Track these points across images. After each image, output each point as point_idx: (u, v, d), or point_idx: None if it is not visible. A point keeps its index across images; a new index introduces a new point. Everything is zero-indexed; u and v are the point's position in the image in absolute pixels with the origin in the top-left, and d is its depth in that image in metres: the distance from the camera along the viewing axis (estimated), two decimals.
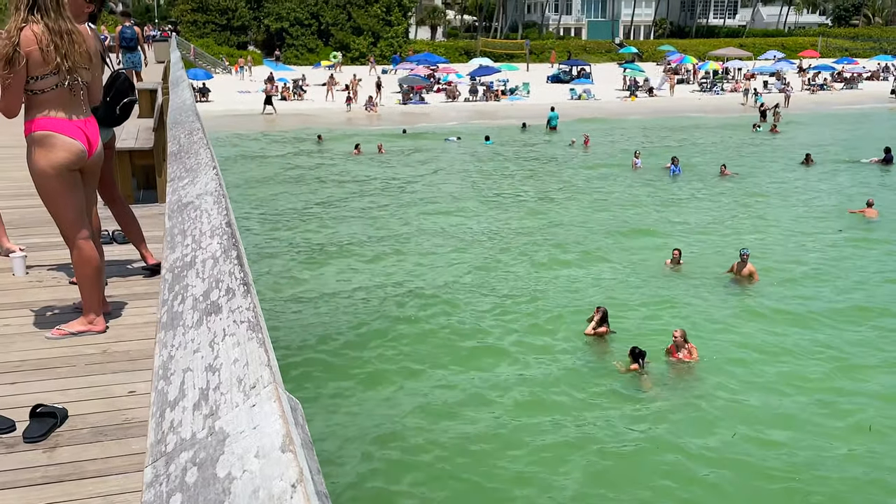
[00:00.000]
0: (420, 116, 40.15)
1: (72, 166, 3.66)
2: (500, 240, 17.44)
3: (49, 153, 3.61)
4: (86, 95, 3.73)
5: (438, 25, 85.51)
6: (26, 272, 4.75)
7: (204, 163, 2.97)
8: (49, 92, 3.57)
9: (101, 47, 4.38)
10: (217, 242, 1.94)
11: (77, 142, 3.65)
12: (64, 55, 3.50)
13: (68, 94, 3.61)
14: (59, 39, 3.48)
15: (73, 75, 3.60)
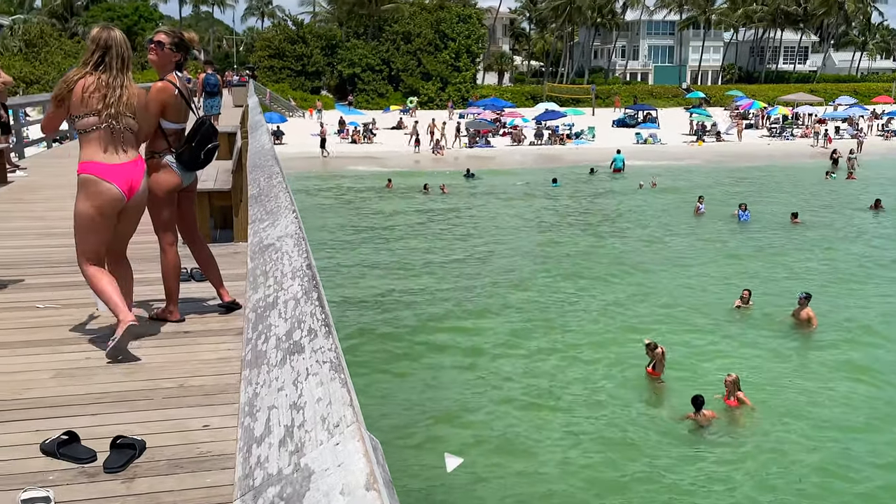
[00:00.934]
0: (485, 160, 40.47)
1: (108, 209, 4.06)
2: (563, 280, 17.48)
3: (88, 197, 4.05)
4: (130, 140, 4.11)
5: (506, 71, 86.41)
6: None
7: (284, 206, 3.08)
8: (91, 132, 4.02)
9: (188, 93, 4.61)
10: (298, 284, 2.01)
11: (114, 187, 4.02)
12: (107, 103, 3.99)
13: (109, 136, 4.02)
14: (107, 90, 4.00)
15: (113, 120, 4.02)
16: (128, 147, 4.11)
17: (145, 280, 5.46)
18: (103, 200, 4.02)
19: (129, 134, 4.13)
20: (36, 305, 4.98)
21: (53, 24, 66.88)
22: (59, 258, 6.41)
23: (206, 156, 4.60)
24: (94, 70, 4.03)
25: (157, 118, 4.48)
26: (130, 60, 4.18)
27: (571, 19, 78.98)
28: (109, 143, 4.03)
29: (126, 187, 4.08)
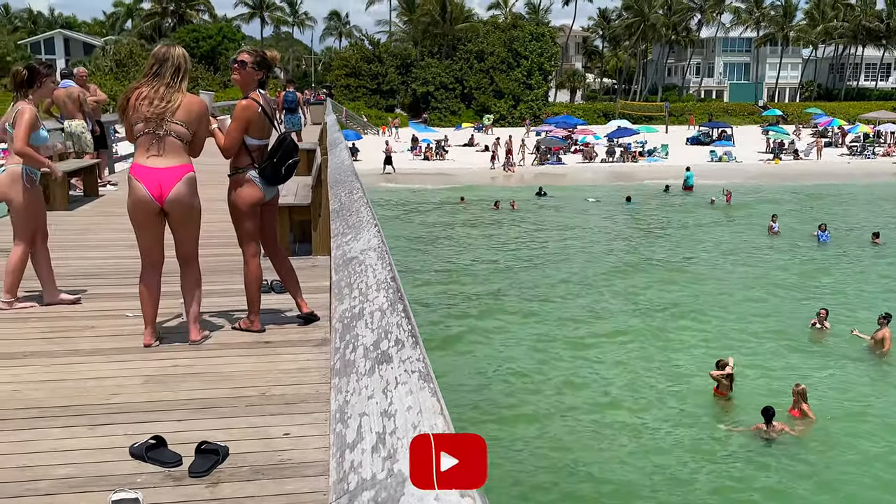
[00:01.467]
0: (556, 177, 40.31)
1: (138, 207, 4.36)
2: (635, 296, 17.40)
3: (129, 193, 4.43)
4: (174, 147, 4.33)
5: (578, 88, 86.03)
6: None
7: (365, 220, 3.15)
8: (140, 137, 4.33)
9: (271, 110, 4.75)
10: (383, 296, 2.05)
11: (143, 187, 4.31)
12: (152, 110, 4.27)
13: (151, 141, 4.31)
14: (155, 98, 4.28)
15: (157, 126, 4.29)
16: (169, 153, 4.33)
17: (229, 291, 5.63)
18: (136, 198, 4.35)
19: (175, 140, 4.33)
20: (125, 314, 5.18)
21: (142, 45, 69.78)
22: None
23: (287, 171, 4.72)
24: (151, 80, 4.33)
25: (241, 135, 4.63)
26: (187, 73, 4.41)
27: (645, 37, 78.18)
28: (150, 148, 4.31)
29: (156, 191, 4.31)
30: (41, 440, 3.33)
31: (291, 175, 4.80)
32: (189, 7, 77.19)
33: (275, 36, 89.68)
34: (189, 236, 4.57)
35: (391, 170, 40.39)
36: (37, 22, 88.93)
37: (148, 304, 4.56)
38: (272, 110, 4.79)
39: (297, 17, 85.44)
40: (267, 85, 4.79)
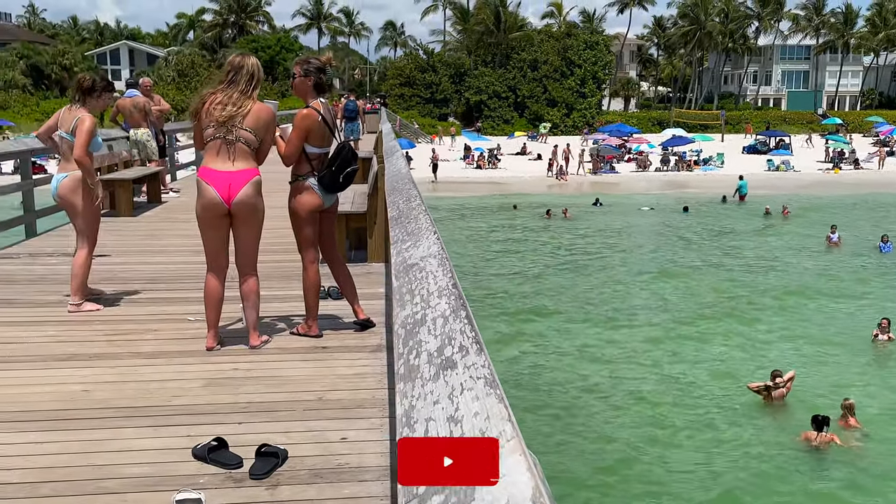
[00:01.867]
0: (610, 186, 39.97)
1: (208, 210, 4.48)
2: (690, 308, 17.17)
3: (198, 196, 4.54)
4: (243, 153, 4.46)
5: (632, 97, 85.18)
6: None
7: (424, 227, 3.16)
8: (210, 142, 4.45)
9: (331, 118, 4.82)
10: (445, 302, 2.06)
11: (212, 189, 4.43)
12: (222, 116, 4.39)
13: (221, 146, 4.43)
14: (227, 105, 4.39)
15: (226, 132, 4.41)
16: (237, 158, 4.46)
17: (288, 297, 5.72)
18: (205, 200, 4.48)
19: (242, 146, 4.46)
20: (187, 318, 5.30)
21: (203, 55, 71.51)
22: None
23: (345, 179, 4.78)
24: (226, 87, 4.46)
25: (302, 143, 4.70)
26: (260, 82, 4.54)
27: (701, 45, 77.05)
28: (220, 152, 4.44)
29: (225, 193, 4.45)
30: (110, 440, 3.42)
31: (350, 183, 4.86)
32: (249, 18, 78.83)
33: (331, 46, 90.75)
34: (251, 237, 4.66)
35: (435, 179, 40.58)
36: (103, 34, 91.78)
37: (211, 307, 4.66)
38: (332, 119, 4.86)
39: (353, 27, 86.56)
40: (326, 89, 4.82)
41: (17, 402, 3.83)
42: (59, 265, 6.91)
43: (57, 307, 5.66)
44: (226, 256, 4.70)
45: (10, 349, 4.67)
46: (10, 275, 6.70)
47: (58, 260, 7.16)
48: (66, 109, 5.75)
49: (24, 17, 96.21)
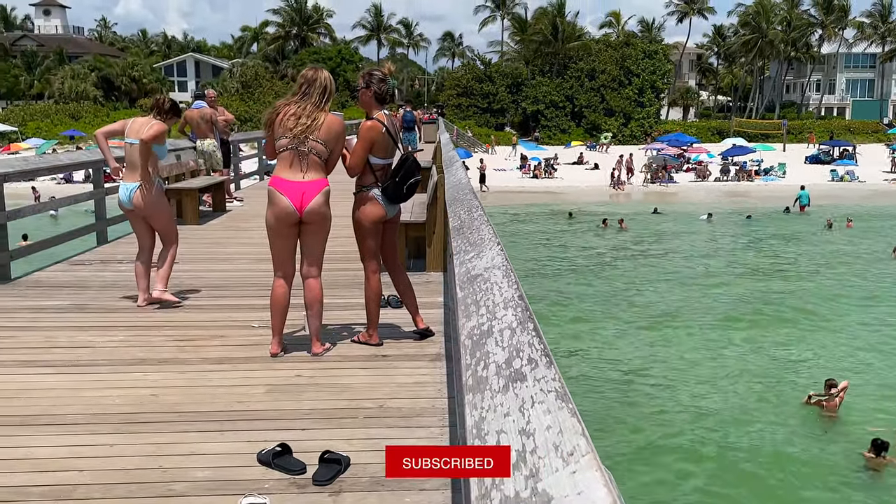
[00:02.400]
0: (668, 195, 39.42)
1: (280, 218, 4.57)
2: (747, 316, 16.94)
3: (269, 205, 4.62)
4: (314, 164, 4.56)
5: (691, 106, 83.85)
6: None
7: (487, 238, 3.17)
8: (283, 152, 4.55)
9: (395, 130, 4.87)
10: (512, 314, 2.06)
11: (286, 199, 4.53)
12: (296, 128, 4.49)
13: (294, 157, 4.52)
14: (301, 117, 4.50)
15: (299, 143, 4.51)
16: (309, 169, 4.57)
17: (350, 305, 5.79)
18: (278, 209, 4.57)
19: (314, 158, 4.57)
20: (251, 325, 5.41)
21: (266, 67, 72.98)
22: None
23: (408, 190, 4.83)
24: (299, 99, 4.56)
25: (367, 154, 4.76)
26: (331, 95, 4.64)
27: (762, 53, 75.41)
28: (292, 163, 4.55)
29: (297, 202, 4.55)
30: (178, 443, 3.51)
31: (413, 194, 4.90)
32: (311, 30, 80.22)
33: (390, 56, 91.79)
34: (319, 246, 4.76)
35: (485, 188, 40.62)
36: (171, 46, 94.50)
37: (277, 314, 4.75)
38: (396, 130, 4.90)
39: (412, 38, 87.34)
40: (387, 100, 4.86)
41: (90, 405, 3.96)
42: (129, 272, 7.11)
43: (127, 313, 5.84)
44: (293, 264, 4.80)
45: (84, 353, 4.84)
46: (82, 281, 6.94)
47: (127, 266, 7.36)
48: (135, 120, 6.03)
49: (96, 31, 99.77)
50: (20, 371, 4.50)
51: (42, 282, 6.91)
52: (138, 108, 67.01)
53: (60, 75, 68.62)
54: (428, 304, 5.71)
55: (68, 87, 67.04)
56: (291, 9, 79.21)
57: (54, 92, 67.86)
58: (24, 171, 7.48)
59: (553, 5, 74.94)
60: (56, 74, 69.41)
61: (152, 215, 5.97)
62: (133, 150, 5.91)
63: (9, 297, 6.35)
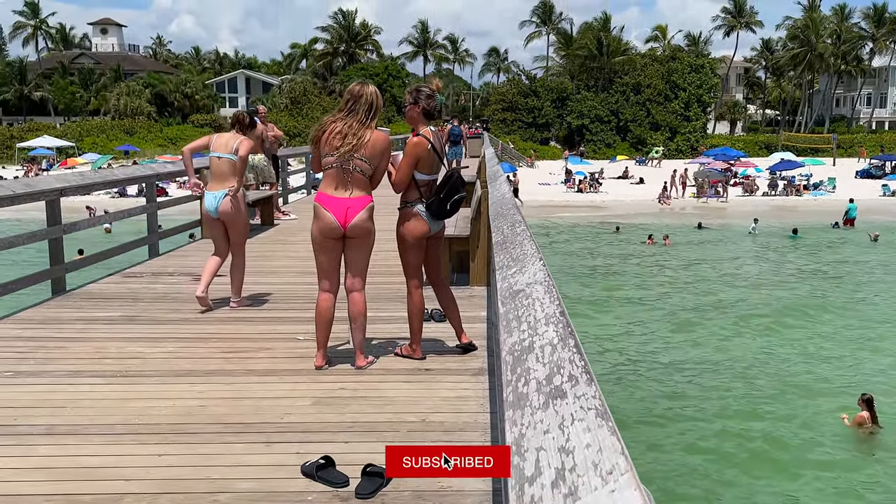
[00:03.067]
0: (715, 210, 38.87)
1: (324, 233, 4.66)
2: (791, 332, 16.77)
3: (315, 220, 4.71)
4: (359, 181, 4.64)
5: (738, 120, 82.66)
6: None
7: (529, 253, 3.17)
8: (328, 169, 4.62)
9: (440, 146, 4.90)
10: (553, 330, 2.06)
11: (330, 214, 4.62)
12: (342, 145, 4.55)
13: (339, 174, 4.59)
14: (347, 134, 4.55)
15: (345, 161, 4.58)
16: (353, 186, 4.64)
17: (392, 318, 5.84)
18: (323, 224, 4.66)
19: (359, 175, 4.64)
20: (297, 337, 5.48)
21: (315, 83, 74.09)
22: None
23: (452, 206, 4.85)
24: (345, 116, 4.60)
25: (412, 170, 4.80)
26: (378, 111, 4.66)
27: (812, 67, 74.10)
28: (338, 180, 4.62)
29: (342, 218, 4.63)
30: (223, 454, 3.57)
31: (457, 210, 4.92)
32: (359, 47, 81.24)
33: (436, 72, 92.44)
34: (362, 260, 4.83)
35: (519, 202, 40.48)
36: (223, 63, 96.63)
37: (322, 328, 4.82)
38: (442, 145, 4.93)
39: (458, 54, 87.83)
40: (434, 116, 4.89)
41: (139, 415, 4.05)
42: (179, 284, 7.29)
43: (176, 324, 5.96)
44: (337, 278, 4.87)
45: (134, 364, 4.95)
46: (134, 293, 7.10)
47: (178, 279, 7.54)
48: (220, 136, 6.57)
49: (151, 49, 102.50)
50: (70, 381, 4.62)
51: (95, 293, 7.09)
52: (190, 123, 68.58)
53: (116, 92, 70.56)
54: (471, 319, 5.72)
55: (123, 104, 68.89)
56: (340, 26, 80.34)
57: (110, 108, 69.78)
58: (80, 186, 7.70)
59: (598, 20, 74.86)
60: (112, 91, 71.40)
61: (233, 223, 6.37)
62: (221, 162, 6.40)
63: (62, 308, 6.53)
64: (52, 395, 4.39)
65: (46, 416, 4.03)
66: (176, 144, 59.20)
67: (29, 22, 79.92)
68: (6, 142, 62.66)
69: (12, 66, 76.99)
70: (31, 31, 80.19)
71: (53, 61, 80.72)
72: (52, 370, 4.81)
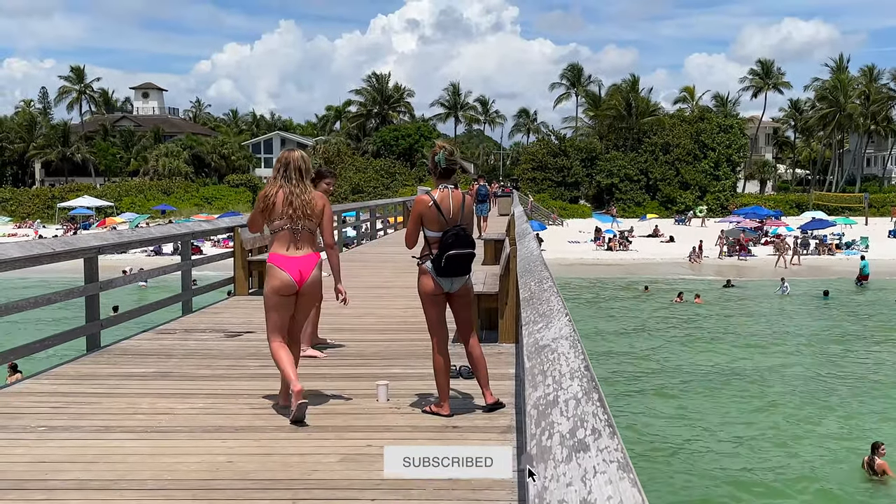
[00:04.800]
0: (745, 269, 38.53)
1: (281, 292, 4.99)
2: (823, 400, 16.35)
3: (269, 280, 5.05)
4: (307, 238, 5.05)
5: (768, 179, 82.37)
6: (387, 399, 5.34)
7: (556, 309, 3.20)
8: (279, 232, 5.01)
9: (450, 203, 4.96)
10: (577, 384, 2.08)
11: (286, 274, 4.96)
12: (289, 211, 4.98)
13: (289, 235, 4.99)
14: (291, 199, 4.98)
15: (292, 223, 4.97)
16: (303, 244, 5.04)
17: (421, 375, 5.84)
18: (280, 283, 4.99)
19: (307, 233, 5.06)
20: (324, 393, 5.50)
21: (348, 144, 75.50)
22: (348, 352, 7.06)
23: (448, 262, 4.85)
24: (284, 183, 5.03)
25: (416, 227, 5.01)
26: (308, 171, 5.13)
27: (841, 127, 73.95)
28: (289, 241, 5.02)
29: (297, 276, 4.99)
30: None
31: (459, 266, 4.92)
32: (391, 109, 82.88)
33: (467, 133, 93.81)
34: (305, 316, 5.31)
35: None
36: (259, 125, 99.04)
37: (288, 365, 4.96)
38: (453, 203, 4.96)
39: (488, 115, 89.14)
40: (444, 174, 5.01)
41: (168, 470, 4.08)
42: (210, 340, 7.38)
43: (207, 381, 6.02)
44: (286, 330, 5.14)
45: (163, 420, 5.00)
46: (167, 349, 7.20)
47: (210, 335, 7.63)
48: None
49: (190, 112, 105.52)
50: (101, 436, 4.67)
51: (128, 350, 7.20)
52: (226, 183, 69.98)
53: (155, 153, 72.48)
54: (499, 376, 5.71)
55: (162, 164, 70.65)
56: (374, 89, 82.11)
57: (149, 169, 71.58)
58: (117, 244, 7.89)
59: (627, 82, 75.68)
60: (151, 152, 73.33)
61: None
62: None
63: (97, 364, 6.63)
64: (84, 449, 4.44)
65: (78, 472, 4.07)
66: (211, 204, 60.41)
67: (74, 87, 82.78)
68: (47, 202, 64.38)
69: (56, 129, 79.54)
70: (76, 95, 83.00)
71: (96, 124, 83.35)
72: (84, 425, 4.88)
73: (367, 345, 7.34)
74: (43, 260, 6.46)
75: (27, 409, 5.27)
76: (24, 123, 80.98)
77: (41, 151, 77.81)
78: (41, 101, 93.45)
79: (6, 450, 4.45)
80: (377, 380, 5.60)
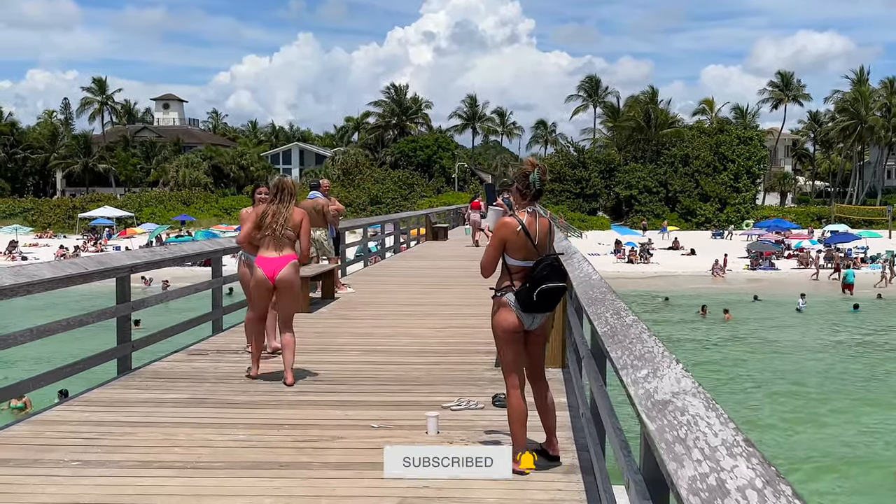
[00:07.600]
0: (769, 283, 38.01)
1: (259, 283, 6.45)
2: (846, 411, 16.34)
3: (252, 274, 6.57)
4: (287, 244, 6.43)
5: (788, 192, 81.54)
6: (437, 432, 5.00)
7: (658, 353, 2.84)
8: (263, 238, 6.41)
9: (539, 229, 4.41)
10: (745, 466, 1.72)
11: (261, 271, 6.39)
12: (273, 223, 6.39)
13: (274, 241, 6.39)
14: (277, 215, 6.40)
15: (274, 232, 6.38)
16: (283, 248, 6.42)
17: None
18: (257, 278, 6.45)
19: (287, 241, 6.42)
20: (371, 425, 5.17)
21: (367, 155, 75.38)
22: (387, 376, 6.73)
23: (541, 297, 4.24)
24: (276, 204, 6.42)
25: (497, 253, 4.40)
26: (295, 194, 6.59)
27: (861, 139, 73.06)
28: (272, 245, 6.41)
29: (270, 273, 6.36)
30: None
31: (552, 302, 4.35)
32: (409, 120, 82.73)
33: (484, 144, 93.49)
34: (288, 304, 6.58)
35: None
36: (278, 136, 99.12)
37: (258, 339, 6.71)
38: (542, 229, 4.44)
39: (505, 127, 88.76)
40: (528, 196, 4.45)
41: None
42: (243, 363, 7.05)
43: (244, 408, 5.70)
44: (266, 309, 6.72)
45: (204, 454, 4.67)
46: (200, 372, 6.89)
47: (242, 357, 7.31)
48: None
49: (209, 122, 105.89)
50: (139, 473, 4.36)
51: (160, 373, 6.90)
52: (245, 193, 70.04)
53: (175, 164, 72.60)
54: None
55: (182, 175, 70.75)
56: (392, 100, 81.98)
57: (169, 179, 71.71)
58: (150, 262, 7.62)
59: (645, 94, 75.17)
60: (171, 163, 73.51)
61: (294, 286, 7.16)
62: None
63: (129, 388, 6.33)
64: (121, 489, 4.14)
65: None
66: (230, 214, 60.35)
67: (96, 98, 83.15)
68: (68, 212, 64.58)
69: (78, 140, 79.92)
70: (98, 106, 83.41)
71: (117, 134, 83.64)
72: (119, 459, 4.57)
73: (406, 369, 7.01)
74: (76, 280, 6.18)
75: (60, 440, 4.97)
76: (47, 134, 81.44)
77: (63, 161, 78.17)
78: (63, 111, 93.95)
79: (38, 488, 4.16)
80: (421, 408, 5.28)
